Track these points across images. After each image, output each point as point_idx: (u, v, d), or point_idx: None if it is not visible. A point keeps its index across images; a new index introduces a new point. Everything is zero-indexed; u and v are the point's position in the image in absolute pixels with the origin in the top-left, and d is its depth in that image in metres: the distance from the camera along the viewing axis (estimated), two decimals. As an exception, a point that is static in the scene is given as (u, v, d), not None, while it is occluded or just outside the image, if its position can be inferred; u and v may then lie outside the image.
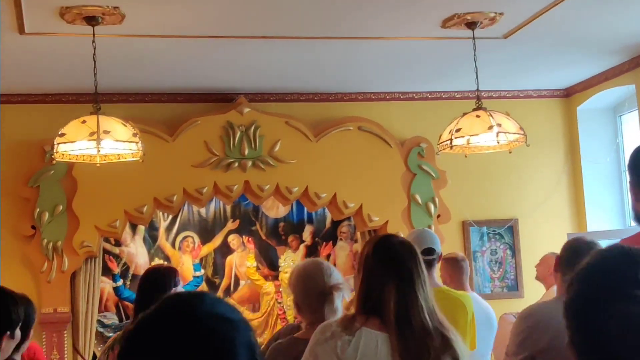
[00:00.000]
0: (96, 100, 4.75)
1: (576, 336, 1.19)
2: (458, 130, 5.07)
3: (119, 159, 4.90)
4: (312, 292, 2.87)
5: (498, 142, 5.06)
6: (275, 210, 8.16)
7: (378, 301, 2.35)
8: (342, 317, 2.43)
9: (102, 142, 4.51)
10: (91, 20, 4.68)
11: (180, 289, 3.95)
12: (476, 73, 5.28)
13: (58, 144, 4.64)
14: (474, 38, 5.23)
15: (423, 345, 2.28)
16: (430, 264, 3.76)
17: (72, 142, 4.58)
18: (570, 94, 7.51)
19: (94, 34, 4.76)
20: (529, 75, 6.92)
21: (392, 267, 2.39)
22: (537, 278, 5.84)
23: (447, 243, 7.02)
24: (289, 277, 3.26)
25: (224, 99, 6.96)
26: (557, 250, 3.52)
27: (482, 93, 5.44)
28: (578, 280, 1.22)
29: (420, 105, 7.31)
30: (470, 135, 5.06)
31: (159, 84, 6.61)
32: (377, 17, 5.05)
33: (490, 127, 4.98)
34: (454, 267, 5.11)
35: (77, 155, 4.82)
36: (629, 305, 1.06)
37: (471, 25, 5.13)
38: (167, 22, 4.96)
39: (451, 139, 5.08)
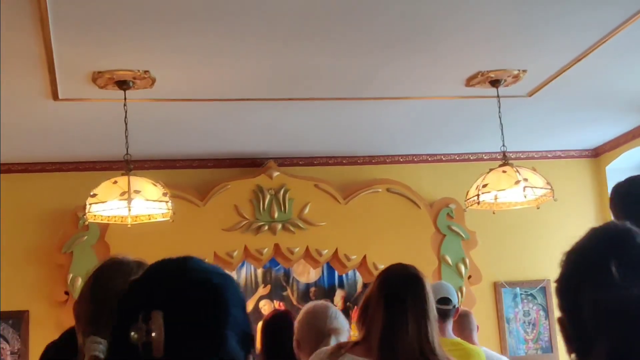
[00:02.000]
0: (127, 162, 4.85)
1: (560, 312, 1.20)
2: (485, 185, 5.09)
3: (149, 219, 4.97)
4: (313, 330, 2.88)
5: (525, 197, 5.06)
6: (306, 275, 8.18)
7: (369, 327, 2.31)
8: (333, 345, 2.40)
9: (133, 202, 4.59)
10: (122, 85, 4.81)
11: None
12: (502, 131, 5.32)
13: (90, 204, 4.73)
14: (498, 96, 5.28)
15: None
16: (445, 315, 3.76)
17: (103, 202, 4.67)
18: (599, 154, 7.51)
19: (125, 98, 4.88)
20: (556, 135, 6.94)
21: (386, 292, 2.34)
22: None
23: (478, 304, 6.98)
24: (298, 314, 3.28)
25: (253, 164, 7.05)
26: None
27: (510, 154, 5.47)
28: (565, 259, 1.24)
29: (449, 166, 7.35)
30: (497, 191, 5.08)
31: (189, 149, 6.72)
32: (403, 77, 5.13)
33: (517, 182, 4.99)
34: (459, 321, 5.07)
35: (108, 217, 4.90)
36: (598, 292, 1.07)
37: (495, 83, 5.19)
38: (196, 86, 5.08)
39: (478, 195, 5.09)
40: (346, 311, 8.10)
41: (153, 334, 1.05)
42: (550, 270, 6.06)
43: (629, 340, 1.01)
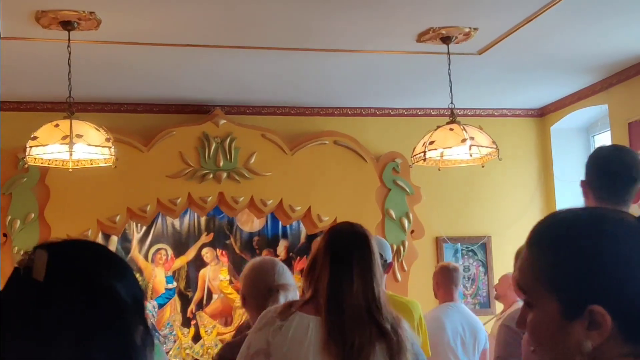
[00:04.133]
0: (70, 105, 4.74)
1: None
2: (431, 142, 5.10)
3: (91, 164, 4.89)
4: (260, 286, 2.88)
5: (471, 156, 5.09)
6: (250, 224, 8.15)
7: (317, 285, 2.32)
8: (283, 304, 2.40)
9: (75, 146, 4.50)
10: (67, 25, 4.68)
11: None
12: (450, 88, 5.33)
13: (30, 147, 4.62)
14: (449, 53, 5.27)
15: (354, 330, 2.23)
16: None
17: (44, 145, 4.56)
18: (544, 114, 7.58)
19: (69, 39, 4.75)
20: (503, 93, 6.99)
21: (332, 250, 2.34)
22: (497, 297, 5.90)
23: (420, 258, 7.06)
24: (243, 269, 3.26)
25: (200, 111, 6.96)
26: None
27: (457, 110, 5.48)
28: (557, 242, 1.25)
29: (396, 121, 7.35)
30: (444, 148, 5.10)
31: (135, 93, 6.60)
32: (353, 30, 5.08)
33: (464, 140, 5.01)
34: (444, 275, 5.15)
35: (49, 160, 4.80)
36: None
37: (446, 40, 5.18)
38: (143, 29, 4.97)
39: (424, 152, 5.11)
40: (289, 261, 8.12)
41: (35, 259, 1.13)
42: (491, 227, 6.19)
43: None
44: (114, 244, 7.82)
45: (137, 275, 7.80)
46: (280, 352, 2.22)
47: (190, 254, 8.25)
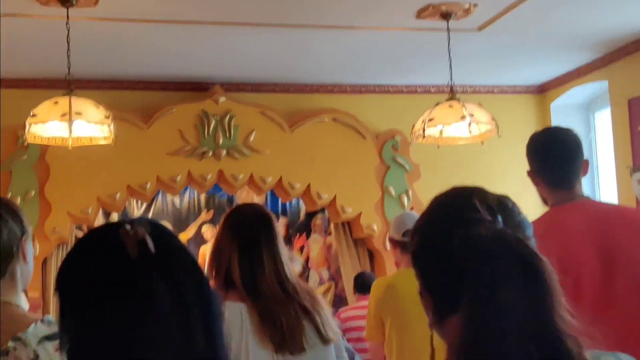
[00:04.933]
0: (69, 82, 4.73)
1: (424, 285, 1.22)
2: (431, 119, 5.10)
3: (91, 142, 4.88)
4: None
5: (470, 132, 5.09)
6: (249, 201, 8.18)
7: (228, 272, 2.28)
8: None
9: (74, 124, 4.49)
10: (65, 2, 4.66)
11: None
12: (450, 65, 5.32)
13: (30, 124, 4.62)
14: (448, 30, 5.26)
15: (277, 310, 2.21)
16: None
17: (43, 122, 4.56)
18: (544, 90, 7.57)
19: (67, 16, 4.73)
20: (503, 70, 6.97)
21: (236, 233, 2.31)
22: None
23: (419, 235, 7.06)
24: None
25: (199, 88, 6.95)
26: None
27: (457, 87, 5.48)
28: (417, 230, 1.26)
29: (396, 98, 7.34)
30: (443, 125, 5.09)
31: (134, 71, 6.59)
32: (352, 6, 5.07)
33: (463, 117, 5.01)
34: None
35: (49, 137, 4.80)
36: (469, 228, 1.10)
37: (446, 16, 5.16)
38: (142, 6, 4.95)
39: (424, 128, 5.11)
40: (289, 238, 8.15)
41: (141, 233, 1.16)
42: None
43: (491, 271, 1.04)
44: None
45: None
46: None
47: (191, 231, 8.29)
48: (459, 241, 1.09)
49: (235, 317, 2.19)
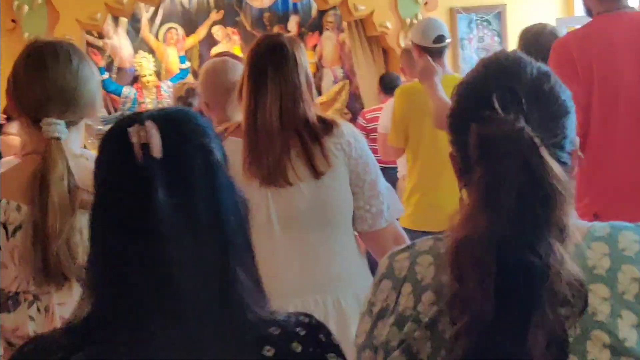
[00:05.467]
0: None
1: (452, 147, 1.21)
2: None
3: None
4: (219, 87, 2.85)
5: None
6: (259, 0, 8.01)
7: (242, 104, 2.25)
8: (221, 126, 2.34)
9: None
10: None
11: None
12: None
13: None
14: None
15: (267, 144, 2.16)
16: (441, 53, 3.74)
17: None
18: None
19: None
20: None
21: (250, 64, 2.24)
22: None
23: (434, 31, 6.95)
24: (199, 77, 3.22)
25: None
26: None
27: None
28: (455, 92, 1.22)
29: None
30: None
31: None
32: None
33: None
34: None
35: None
36: (483, 125, 1.06)
37: None
38: None
39: None
40: (301, 37, 8.04)
41: (151, 135, 1.06)
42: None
43: (500, 173, 1.02)
44: (124, 26, 7.75)
45: (150, 56, 7.79)
46: None
47: (201, 32, 8.18)
48: (474, 135, 1.06)
49: (232, 154, 2.16)
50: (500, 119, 1.06)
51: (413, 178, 3.81)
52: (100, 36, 7.51)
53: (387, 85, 5.90)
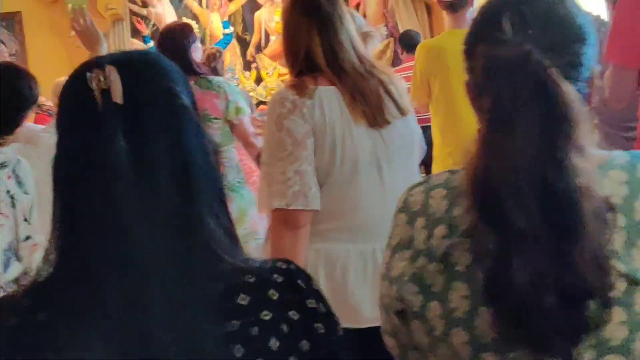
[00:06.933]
0: None
1: (466, 74, 1.17)
2: None
3: None
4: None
5: None
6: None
7: (308, 56, 2.23)
8: (290, 85, 2.31)
9: None
10: None
11: (197, 45, 3.96)
12: None
13: None
14: None
15: (364, 86, 2.19)
16: (455, 7, 3.71)
17: None
18: None
19: None
20: None
21: (310, 15, 2.24)
22: None
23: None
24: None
25: None
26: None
27: None
28: (473, 17, 1.19)
29: None
30: None
31: None
32: None
33: None
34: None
35: None
36: (491, 47, 1.03)
37: None
38: None
39: None
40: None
41: (111, 79, 1.00)
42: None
43: (507, 95, 0.98)
44: (166, -7, 7.76)
45: (193, 22, 7.81)
46: (323, 127, 2.18)
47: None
48: (481, 59, 1.03)
49: (333, 103, 2.19)
50: (508, 41, 1.04)
51: (437, 134, 3.79)
52: (144, 4, 7.53)
53: (408, 43, 5.91)
